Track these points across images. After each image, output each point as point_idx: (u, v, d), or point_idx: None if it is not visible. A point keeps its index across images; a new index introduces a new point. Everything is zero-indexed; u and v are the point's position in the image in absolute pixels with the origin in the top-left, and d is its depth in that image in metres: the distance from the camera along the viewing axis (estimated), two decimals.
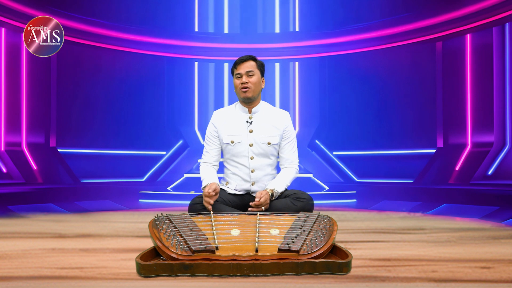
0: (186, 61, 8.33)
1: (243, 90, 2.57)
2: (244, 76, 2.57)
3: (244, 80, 2.56)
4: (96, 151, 7.37)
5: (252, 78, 2.57)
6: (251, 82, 2.56)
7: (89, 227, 3.48)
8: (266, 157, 2.60)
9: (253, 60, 2.61)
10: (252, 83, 2.57)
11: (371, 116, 7.69)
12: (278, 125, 2.63)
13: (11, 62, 6.65)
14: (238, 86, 2.59)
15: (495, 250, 2.37)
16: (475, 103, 6.66)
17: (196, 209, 2.41)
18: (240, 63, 2.59)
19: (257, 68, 2.60)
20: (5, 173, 6.44)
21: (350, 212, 4.98)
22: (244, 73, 2.57)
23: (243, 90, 2.57)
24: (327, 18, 7.98)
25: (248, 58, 2.60)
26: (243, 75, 2.57)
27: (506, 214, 4.28)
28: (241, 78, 2.58)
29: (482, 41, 6.57)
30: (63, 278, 1.75)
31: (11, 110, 6.67)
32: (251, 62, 2.59)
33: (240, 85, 2.57)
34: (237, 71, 2.59)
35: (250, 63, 2.59)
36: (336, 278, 1.71)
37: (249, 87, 2.56)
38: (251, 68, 2.57)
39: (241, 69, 2.58)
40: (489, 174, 6.30)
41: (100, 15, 7.37)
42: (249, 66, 2.58)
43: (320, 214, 2.16)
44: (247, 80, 2.56)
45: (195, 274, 1.71)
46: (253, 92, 2.57)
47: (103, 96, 7.58)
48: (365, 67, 7.77)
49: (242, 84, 2.56)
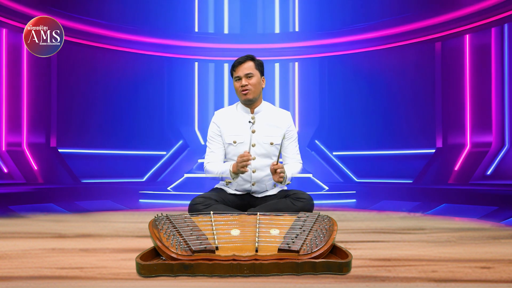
0: (186, 61, 8.33)
1: (244, 93, 2.56)
2: (244, 78, 2.55)
3: (243, 82, 2.55)
4: (97, 151, 7.37)
5: (252, 80, 2.56)
6: (251, 84, 2.55)
7: (89, 227, 3.48)
8: (268, 158, 2.60)
9: (251, 60, 2.59)
10: (252, 85, 2.56)
11: (370, 116, 7.70)
12: (280, 125, 2.63)
13: (12, 62, 6.65)
14: (238, 89, 2.58)
15: (495, 250, 2.37)
16: (474, 103, 6.66)
17: (196, 209, 2.41)
18: (238, 66, 2.57)
19: (255, 68, 2.58)
20: (6, 173, 6.44)
21: (350, 212, 4.99)
22: (243, 76, 2.55)
23: (243, 93, 2.56)
24: (326, 19, 7.98)
25: (246, 59, 2.58)
26: (242, 78, 2.56)
27: (505, 214, 4.29)
28: (240, 80, 2.56)
29: (481, 41, 6.57)
30: (63, 278, 1.75)
31: (12, 110, 6.67)
32: (249, 63, 2.58)
33: (240, 88, 2.56)
34: (236, 74, 2.58)
35: (248, 64, 2.57)
36: (336, 278, 1.71)
37: (249, 89, 2.55)
38: (250, 70, 2.56)
39: (239, 72, 2.56)
40: (488, 174, 6.31)
41: (100, 16, 7.36)
42: (247, 68, 2.56)
43: (320, 214, 2.16)
44: (247, 83, 2.55)
45: (195, 274, 1.71)
46: (254, 93, 2.57)
47: (104, 96, 7.58)
48: (364, 67, 7.77)
49: (242, 87, 2.55)
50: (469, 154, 6.59)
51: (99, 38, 7.41)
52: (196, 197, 2.51)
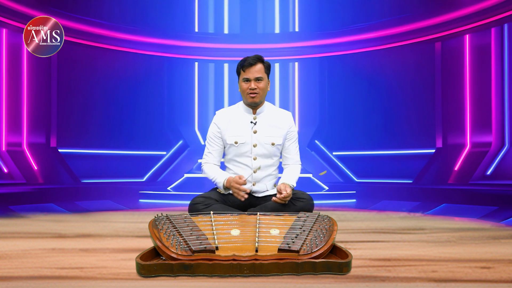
0: (186, 61, 8.33)
1: (251, 96, 2.53)
2: (253, 82, 2.52)
3: (252, 86, 2.51)
4: (97, 151, 7.36)
5: (261, 84, 2.53)
6: (260, 88, 2.53)
7: (89, 227, 3.48)
8: (269, 158, 2.59)
9: (261, 62, 2.54)
10: (261, 89, 2.53)
11: (370, 116, 7.70)
12: (282, 126, 2.62)
13: (12, 62, 6.65)
14: (245, 90, 2.54)
15: (495, 250, 2.37)
16: (474, 104, 6.66)
17: (196, 209, 2.41)
18: (248, 67, 2.51)
19: (264, 72, 2.55)
20: (6, 173, 6.43)
21: (350, 212, 4.99)
22: (253, 79, 2.51)
23: (251, 96, 2.53)
24: (326, 19, 7.98)
25: (256, 61, 2.52)
26: (252, 81, 2.52)
27: (505, 214, 4.29)
28: (249, 82, 2.53)
29: (481, 41, 6.57)
30: (63, 278, 1.75)
31: (12, 110, 6.66)
32: (259, 65, 2.52)
33: (248, 90, 2.53)
34: (245, 75, 2.53)
35: (259, 67, 2.52)
36: (336, 278, 1.71)
37: (257, 93, 2.53)
38: (260, 73, 2.52)
39: (249, 74, 2.52)
40: (488, 174, 6.30)
41: (100, 16, 7.36)
42: (258, 71, 2.51)
43: (320, 214, 2.16)
44: (256, 86, 2.52)
45: (195, 274, 1.71)
46: (261, 97, 2.56)
47: (104, 96, 7.58)
48: (364, 67, 7.77)
49: (250, 89, 2.53)
50: (469, 154, 6.59)
51: (99, 38, 7.41)
52: (196, 196, 2.51)
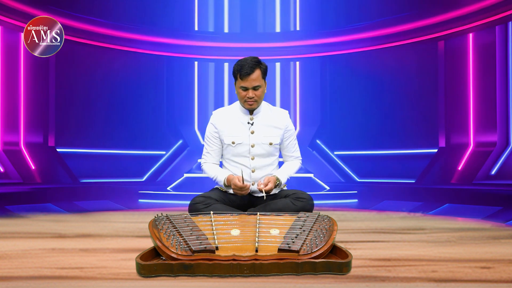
0: (186, 60, 8.31)
1: (249, 103, 2.52)
2: (251, 91, 2.49)
3: (250, 95, 2.49)
4: (96, 150, 7.34)
5: (258, 92, 2.51)
6: (257, 96, 2.51)
7: (89, 227, 3.48)
8: (267, 157, 2.60)
9: (258, 68, 2.48)
10: (258, 96, 2.52)
11: (372, 115, 7.67)
12: (279, 125, 2.62)
13: (9, 60, 6.59)
14: (243, 98, 2.51)
15: (495, 250, 2.37)
16: (478, 103, 6.62)
17: (196, 209, 2.40)
18: (245, 76, 2.45)
19: (262, 77, 2.51)
20: (3, 173, 6.37)
21: (350, 212, 4.98)
22: (251, 88, 2.48)
23: (249, 103, 2.52)
24: (327, 18, 7.96)
25: (253, 69, 2.46)
26: (250, 90, 2.49)
27: (509, 214, 4.27)
28: (247, 91, 2.49)
29: (484, 40, 6.53)
30: (63, 278, 1.75)
31: (9, 109, 6.60)
32: (257, 72, 2.47)
33: (245, 98, 2.51)
34: (243, 83, 2.48)
35: (256, 74, 2.47)
36: (336, 278, 1.71)
37: (255, 101, 2.52)
38: (258, 82, 2.48)
39: (247, 83, 2.47)
40: (492, 174, 6.24)
41: (99, 14, 7.34)
42: (255, 80, 2.47)
43: (320, 214, 2.16)
44: (253, 95, 2.50)
45: (195, 274, 1.71)
46: (259, 103, 2.55)
47: (102, 96, 7.56)
48: (366, 66, 7.75)
49: (248, 98, 2.50)
50: (472, 153, 6.54)
51: (98, 37, 7.38)
52: (196, 196, 2.51)
